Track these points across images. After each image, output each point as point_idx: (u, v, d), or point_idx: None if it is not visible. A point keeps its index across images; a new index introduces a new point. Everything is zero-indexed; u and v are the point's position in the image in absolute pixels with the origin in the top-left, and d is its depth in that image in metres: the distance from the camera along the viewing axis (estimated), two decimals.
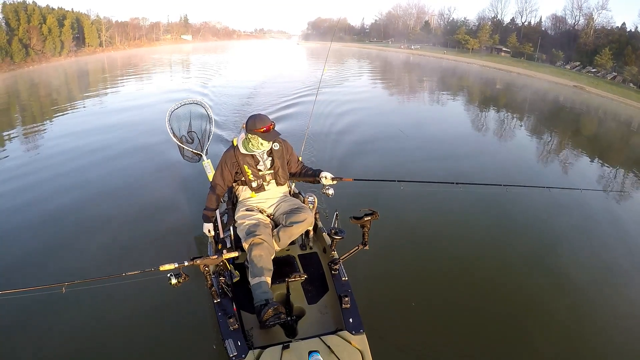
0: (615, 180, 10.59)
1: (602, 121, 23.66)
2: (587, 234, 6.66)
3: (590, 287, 5.21)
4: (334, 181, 3.81)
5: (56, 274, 4.82)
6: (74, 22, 62.97)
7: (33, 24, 52.53)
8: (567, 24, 57.41)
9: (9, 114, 17.04)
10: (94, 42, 68.62)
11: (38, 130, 13.15)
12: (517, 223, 6.79)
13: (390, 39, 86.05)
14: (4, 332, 4.00)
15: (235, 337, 2.84)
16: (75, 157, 9.39)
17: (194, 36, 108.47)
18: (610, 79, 43.25)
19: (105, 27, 73.23)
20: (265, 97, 17.69)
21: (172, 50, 71.81)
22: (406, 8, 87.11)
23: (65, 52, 58.39)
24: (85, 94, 21.79)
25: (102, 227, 6.07)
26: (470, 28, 68.39)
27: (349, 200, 5.60)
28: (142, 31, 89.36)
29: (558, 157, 12.40)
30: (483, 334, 4.22)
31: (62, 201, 6.96)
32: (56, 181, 7.94)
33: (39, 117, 15.84)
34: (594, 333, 4.43)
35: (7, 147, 11.03)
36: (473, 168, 9.47)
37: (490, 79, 39.83)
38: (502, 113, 20.21)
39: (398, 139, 11.87)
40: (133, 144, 10.45)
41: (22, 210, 6.66)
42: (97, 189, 7.48)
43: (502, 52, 61.30)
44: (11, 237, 5.86)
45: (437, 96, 24.67)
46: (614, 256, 6.00)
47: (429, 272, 5.27)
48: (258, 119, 3.54)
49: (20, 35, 49.81)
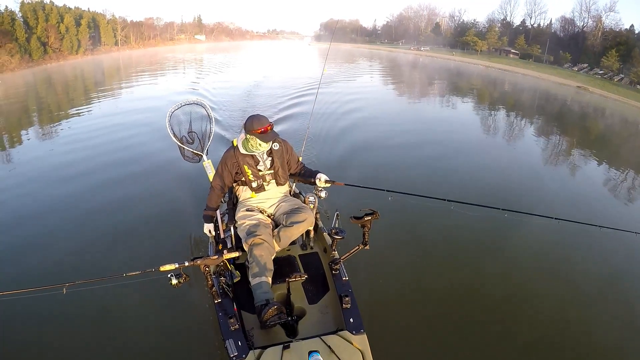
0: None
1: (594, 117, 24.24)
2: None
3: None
4: (328, 184, 3.79)
5: (57, 274, 4.76)
6: (91, 22, 63.61)
7: (51, 22, 53.14)
8: (575, 26, 56.91)
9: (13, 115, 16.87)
10: (109, 41, 69.28)
11: (41, 131, 13.11)
12: (516, 222, 6.62)
13: (400, 41, 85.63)
14: (5, 333, 3.98)
15: (236, 337, 2.82)
16: (75, 158, 9.31)
17: (208, 36, 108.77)
18: (617, 80, 42.71)
19: (120, 27, 73.80)
20: (273, 91, 18.15)
21: (186, 49, 72.25)
22: (417, 10, 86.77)
23: (82, 50, 59.02)
24: (96, 92, 21.93)
25: (102, 227, 6.01)
26: (480, 30, 67.89)
27: (350, 200, 5.56)
28: (157, 31, 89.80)
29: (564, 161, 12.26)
30: (483, 334, 4.17)
31: (62, 201, 6.92)
32: (56, 182, 7.87)
33: (45, 118, 15.72)
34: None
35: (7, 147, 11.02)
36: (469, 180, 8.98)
37: (491, 78, 40.42)
38: (498, 110, 20.79)
39: (397, 137, 11.95)
40: (133, 144, 10.32)
41: (22, 211, 6.59)
42: (97, 189, 7.42)
43: (510, 54, 60.78)
44: (12, 238, 5.78)
45: (437, 95, 25.29)
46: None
47: (430, 272, 5.21)
48: (256, 119, 3.51)
49: (38, 33, 50.44)
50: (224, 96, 17.52)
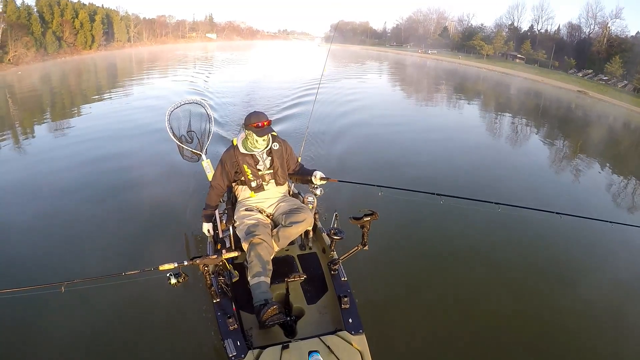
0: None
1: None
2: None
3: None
4: (323, 181, 3.77)
5: (55, 273, 4.72)
6: (104, 18, 63.92)
7: (66, 18, 53.45)
8: (582, 32, 56.43)
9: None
10: (122, 37, 69.63)
11: (42, 129, 13.03)
12: (516, 222, 6.53)
13: (408, 44, 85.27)
14: (2, 332, 3.93)
15: (235, 337, 2.79)
16: (75, 157, 9.20)
17: (219, 35, 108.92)
18: (621, 87, 42.32)
19: (133, 24, 74.05)
20: (277, 92, 18.21)
21: (198, 47, 72.46)
22: (427, 13, 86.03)
23: (96, 45, 59.41)
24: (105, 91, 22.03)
25: (101, 226, 5.93)
26: (487, 35, 67.48)
27: (349, 200, 5.51)
28: (169, 28, 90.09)
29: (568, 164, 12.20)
30: (482, 334, 4.14)
31: (61, 200, 6.82)
32: (56, 180, 7.77)
33: (43, 117, 15.50)
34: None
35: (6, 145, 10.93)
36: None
37: (490, 79, 41.54)
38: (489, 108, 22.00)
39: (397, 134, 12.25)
40: (133, 144, 10.15)
41: (22, 210, 6.48)
42: (96, 188, 7.32)
43: (516, 59, 60.38)
44: (10, 236, 5.69)
45: (436, 93, 26.20)
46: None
47: (429, 272, 5.17)
48: (254, 114, 3.53)
49: (54, 28, 50.85)
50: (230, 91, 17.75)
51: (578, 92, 37.99)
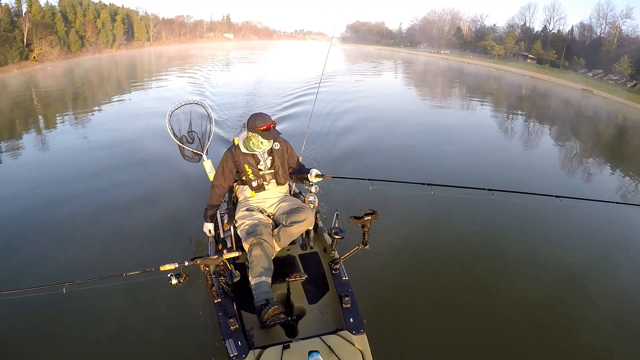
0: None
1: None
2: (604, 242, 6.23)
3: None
4: (318, 178, 3.71)
5: (57, 274, 4.66)
6: (125, 18, 64.69)
7: (88, 17, 54.16)
8: (593, 32, 55.45)
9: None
10: (142, 36, 70.43)
11: (43, 130, 13.02)
12: (515, 222, 6.47)
13: (422, 44, 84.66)
14: (4, 332, 3.88)
15: (236, 337, 2.75)
16: (76, 158, 9.13)
17: (236, 35, 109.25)
18: (631, 86, 41.48)
19: (152, 24, 74.67)
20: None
21: (216, 47, 72.69)
22: (441, 14, 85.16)
23: (117, 44, 60.31)
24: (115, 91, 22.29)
25: (102, 227, 5.83)
26: (500, 35, 66.66)
27: (349, 199, 5.44)
28: (187, 28, 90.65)
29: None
30: (482, 334, 4.04)
31: (62, 201, 6.70)
32: (57, 181, 7.70)
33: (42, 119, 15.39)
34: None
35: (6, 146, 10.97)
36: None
37: (493, 77, 41.82)
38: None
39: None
40: (133, 144, 9.96)
41: (23, 211, 6.38)
42: (97, 189, 7.18)
43: (527, 59, 59.53)
44: (12, 237, 5.60)
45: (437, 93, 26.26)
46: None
47: (430, 272, 5.07)
48: (259, 117, 3.43)
49: (76, 27, 51.58)
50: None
51: (583, 91, 37.51)
